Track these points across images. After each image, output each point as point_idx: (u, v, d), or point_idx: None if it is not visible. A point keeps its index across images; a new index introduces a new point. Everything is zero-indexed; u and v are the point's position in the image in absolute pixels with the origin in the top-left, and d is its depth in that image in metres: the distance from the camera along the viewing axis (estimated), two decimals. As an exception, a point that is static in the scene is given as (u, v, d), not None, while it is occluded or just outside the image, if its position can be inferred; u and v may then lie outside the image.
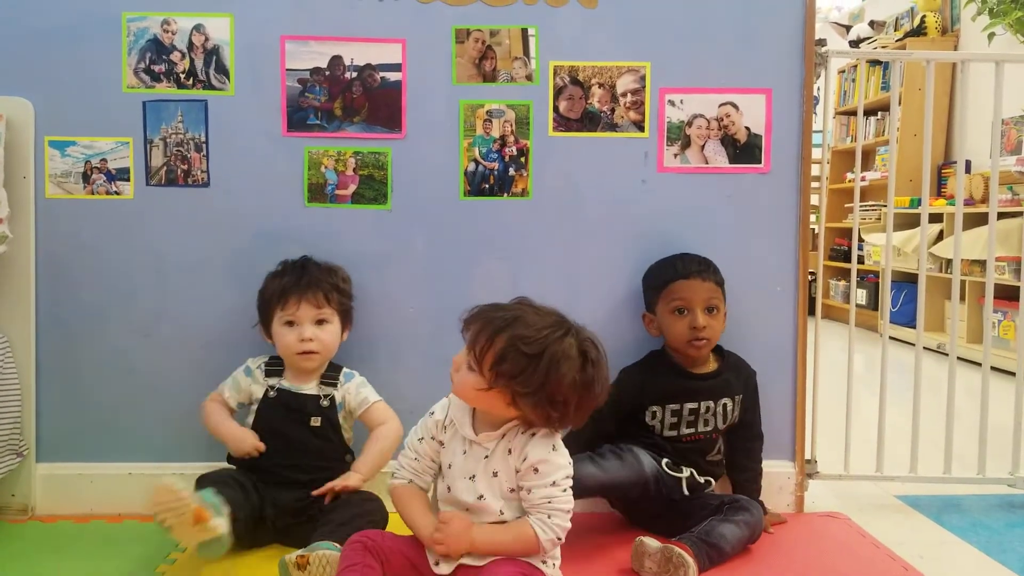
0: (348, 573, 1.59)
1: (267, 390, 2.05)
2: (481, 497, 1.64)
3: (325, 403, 2.05)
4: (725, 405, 2.13)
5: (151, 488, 1.70)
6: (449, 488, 1.68)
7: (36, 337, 2.17)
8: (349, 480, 1.97)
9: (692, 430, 2.12)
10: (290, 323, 2.03)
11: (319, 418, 2.03)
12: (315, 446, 2.02)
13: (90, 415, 2.20)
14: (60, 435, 2.20)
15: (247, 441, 2.00)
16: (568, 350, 1.59)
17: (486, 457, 1.65)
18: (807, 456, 2.33)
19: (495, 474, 1.64)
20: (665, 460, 2.07)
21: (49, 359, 2.19)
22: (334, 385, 2.07)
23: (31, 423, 2.17)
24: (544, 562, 1.65)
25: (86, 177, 2.17)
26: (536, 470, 1.62)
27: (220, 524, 1.74)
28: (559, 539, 1.62)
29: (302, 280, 2.04)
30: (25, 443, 2.15)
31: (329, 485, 1.95)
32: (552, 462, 1.63)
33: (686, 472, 2.08)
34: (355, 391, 2.07)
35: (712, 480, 2.14)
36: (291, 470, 1.99)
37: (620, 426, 2.16)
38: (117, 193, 2.18)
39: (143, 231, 2.19)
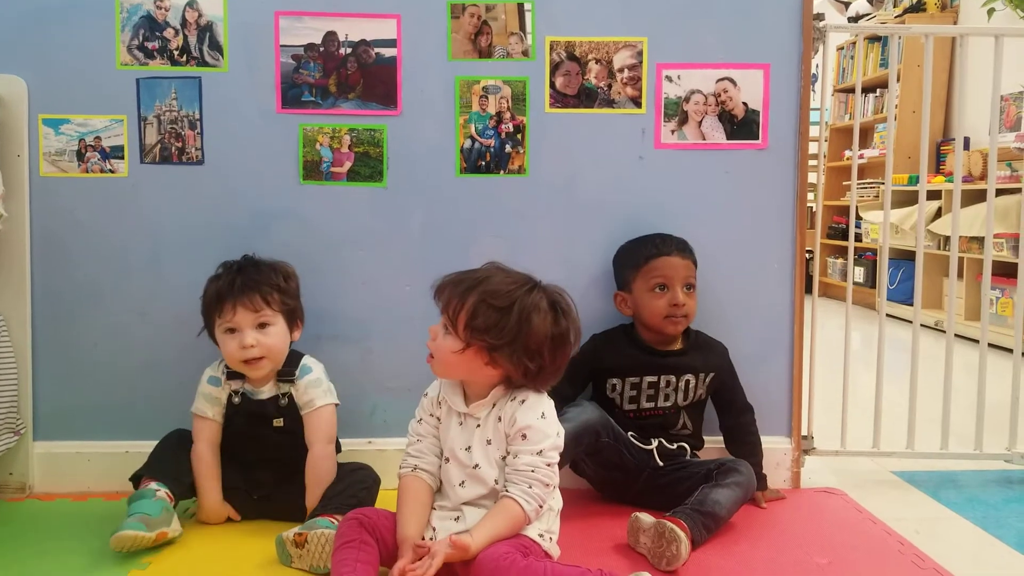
0: (345, 549, 1.60)
1: (231, 395, 2.00)
2: (477, 466, 1.68)
3: (284, 402, 1.99)
4: (688, 382, 2.14)
5: (113, 540, 1.76)
6: (448, 459, 1.71)
7: (32, 316, 2.17)
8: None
9: (652, 404, 2.14)
10: (231, 330, 1.94)
11: (281, 419, 1.99)
12: (281, 442, 1.99)
13: (87, 393, 2.21)
14: (57, 414, 2.21)
15: (221, 516, 1.99)
16: (538, 302, 1.65)
17: (478, 426, 1.69)
18: (804, 432, 2.34)
19: (488, 442, 1.69)
20: (631, 433, 2.09)
21: (45, 337, 2.19)
22: (291, 382, 1.99)
23: (28, 402, 2.17)
24: (541, 535, 1.66)
25: (80, 155, 2.16)
26: (524, 436, 1.66)
27: (176, 529, 1.86)
28: (541, 506, 1.65)
29: (236, 284, 1.94)
30: (22, 422, 2.15)
31: None
32: (540, 430, 1.66)
33: (654, 443, 2.10)
34: (303, 390, 1.99)
35: (686, 446, 2.14)
36: (262, 465, 2.00)
37: (580, 395, 2.19)
38: (111, 171, 2.17)
39: (138, 209, 2.18)
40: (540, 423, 1.66)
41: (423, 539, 1.63)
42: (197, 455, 1.98)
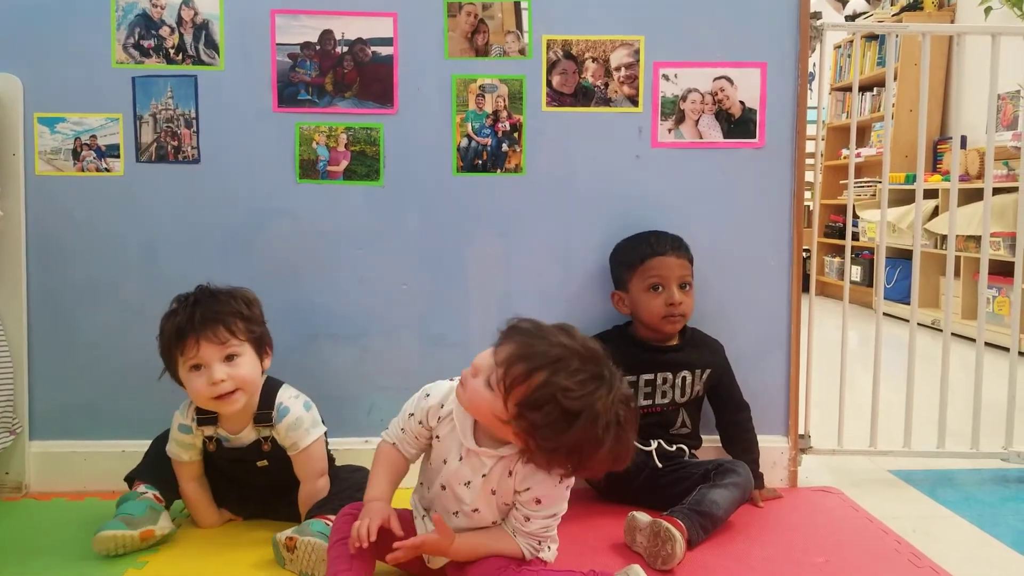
0: (340, 545, 1.59)
1: (205, 442, 1.92)
2: (476, 510, 1.61)
3: (268, 447, 1.91)
4: (684, 378, 2.14)
5: (95, 540, 1.78)
6: (443, 487, 1.62)
7: (28, 314, 2.16)
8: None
9: (649, 402, 2.14)
10: (196, 367, 1.81)
11: (265, 460, 1.92)
12: (269, 481, 1.94)
13: (83, 392, 2.20)
14: (53, 413, 2.20)
15: (219, 523, 1.99)
16: (607, 411, 1.45)
17: (484, 475, 1.58)
18: (801, 431, 2.34)
19: (493, 492, 1.59)
20: None
21: (41, 337, 2.18)
22: (270, 425, 1.89)
23: (24, 401, 2.17)
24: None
25: (76, 154, 2.15)
26: (539, 501, 1.58)
27: (164, 527, 1.84)
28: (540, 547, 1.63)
29: (196, 317, 1.80)
30: (18, 421, 2.15)
31: None
32: (557, 496, 1.59)
33: (653, 444, 2.09)
34: (284, 434, 1.88)
35: (685, 448, 2.14)
36: (252, 492, 1.98)
37: None
38: (107, 170, 2.16)
39: (134, 208, 2.17)
40: (557, 489, 1.58)
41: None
42: (185, 495, 1.95)
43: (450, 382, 1.65)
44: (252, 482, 1.96)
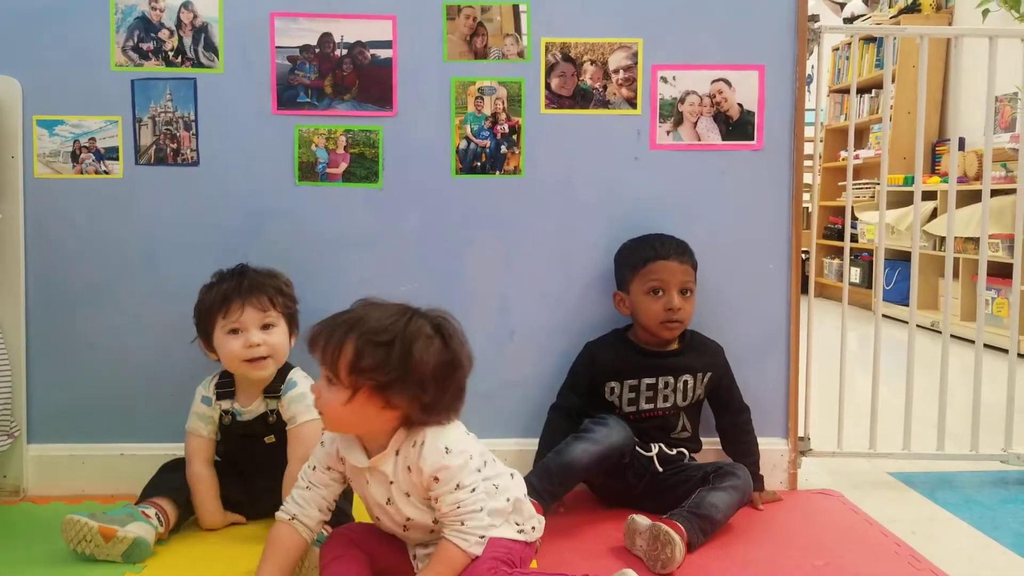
0: (335, 564, 1.59)
1: (222, 416, 2.00)
2: (409, 519, 1.60)
3: (272, 419, 1.98)
4: (686, 382, 2.14)
5: (61, 524, 1.80)
6: (378, 517, 1.64)
7: (26, 318, 2.16)
8: None
9: (651, 406, 2.13)
10: (234, 331, 1.94)
11: (272, 435, 1.99)
12: (274, 459, 1.96)
13: (81, 396, 2.20)
14: (51, 416, 2.20)
15: (223, 524, 1.99)
16: (421, 329, 1.55)
17: (391, 482, 1.59)
18: (800, 433, 2.34)
19: (408, 494, 1.59)
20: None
21: (40, 340, 2.18)
22: (276, 396, 1.98)
23: (22, 404, 2.17)
24: (521, 531, 1.64)
25: (75, 156, 2.15)
26: (437, 479, 1.54)
27: (130, 531, 1.79)
28: (483, 536, 1.57)
29: (243, 285, 1.95)
30: (16, 424, 2.14)
31: None
32: (449, 466, 1.54)
33: (654, 449, 2.09)
34: (287, 406, 1.96)
35: (685, 451, 2.14)
36: (261, 475, 1.99)
37: (588, 404, 2.16)
38: (106, 172, 2.16)
39: (133, 210, 2.17)
40: (446, 459, 1.54)
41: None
42: (195, 476, 1.97)
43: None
44: (261, 464, 1.98)
